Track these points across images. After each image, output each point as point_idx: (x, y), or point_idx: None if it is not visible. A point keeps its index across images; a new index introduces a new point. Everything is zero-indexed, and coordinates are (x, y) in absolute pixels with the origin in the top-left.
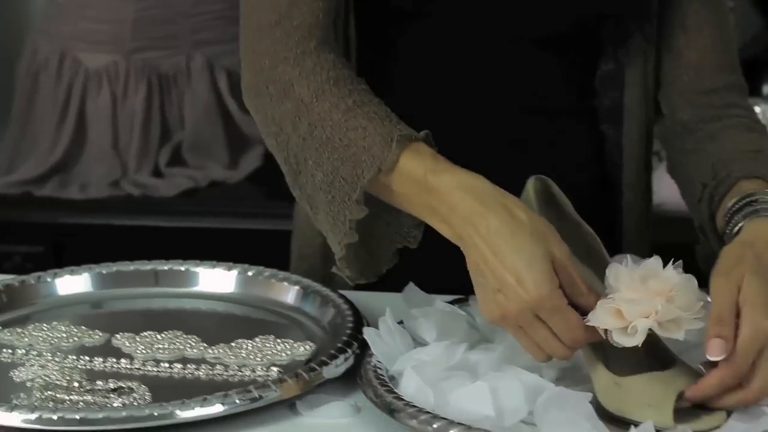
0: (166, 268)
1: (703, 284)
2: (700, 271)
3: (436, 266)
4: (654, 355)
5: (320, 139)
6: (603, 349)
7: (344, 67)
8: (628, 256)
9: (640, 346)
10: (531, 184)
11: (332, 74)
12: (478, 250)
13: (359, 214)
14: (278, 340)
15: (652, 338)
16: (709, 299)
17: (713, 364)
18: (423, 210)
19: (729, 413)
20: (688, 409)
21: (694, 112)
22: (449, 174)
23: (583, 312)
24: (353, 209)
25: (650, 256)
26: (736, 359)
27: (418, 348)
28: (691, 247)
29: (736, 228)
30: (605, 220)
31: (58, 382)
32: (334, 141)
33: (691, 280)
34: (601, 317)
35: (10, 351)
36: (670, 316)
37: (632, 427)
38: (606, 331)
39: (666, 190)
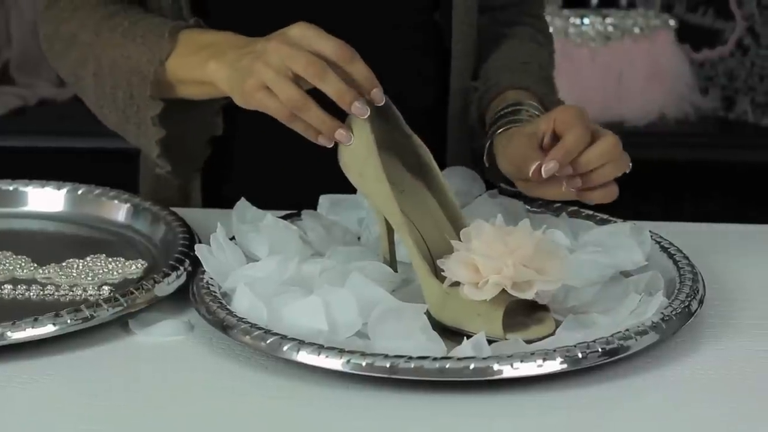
0: None
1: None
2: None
3: (269, 183)
4: None
5: (108, 65)
6: (433, 261)
7: (116, 3)
8: (499, 215)
9: (488, 300)
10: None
11: (105, 12)
12: (242, 42)
13: (157, 108)
14: (109, 259)
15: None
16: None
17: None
18: (197, 63)
19: (557, 324)
20: (517, 320)
21: (490, 15)
22: (226, 32)
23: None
24: (150, 105)
25: (476, 167)
26: (573, 122)
27: (251, 264)
28: None
29: (500, 130)
30: (432, 133)
31: None
32: (118, 60)
33: (553, 246)
34: (454, 269)
35: None
36: (522, 278)
37: (465, 338)
38: None
39: None
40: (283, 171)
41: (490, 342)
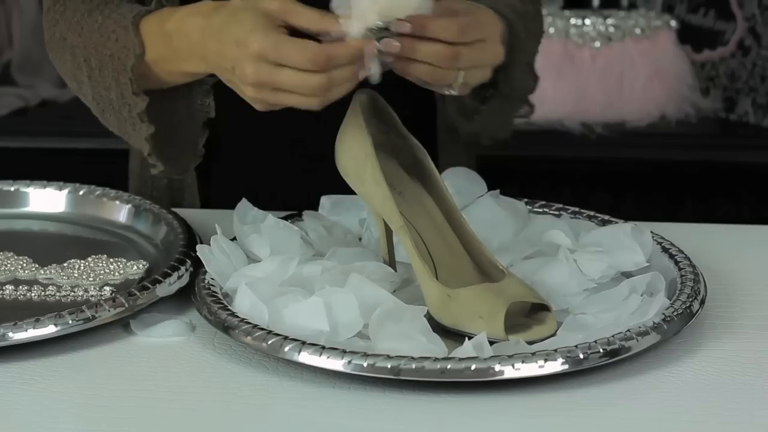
0: None
1: None
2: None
3: (270, 183)
4: (484, 271)
5: (98, 67)
6: (433, 263)
7: None
8: None
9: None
10: (358, 99)
11: (84, 9)
12: (214, 50)
13: (142, 104)
14: (111, 260)
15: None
16: None
17: None
18: (174, 60)
19: (558, 325)
20: (519, 321)
21: None
22: (179, 11)
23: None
24: (135, 102)
25: (474, 169)
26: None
27: (252, 264)
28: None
29: None
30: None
31: None
32: (104, 60)
33: None
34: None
35: None
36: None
37: (466, 339)
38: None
39: None
40: (278, 172)
41: (491, 343)
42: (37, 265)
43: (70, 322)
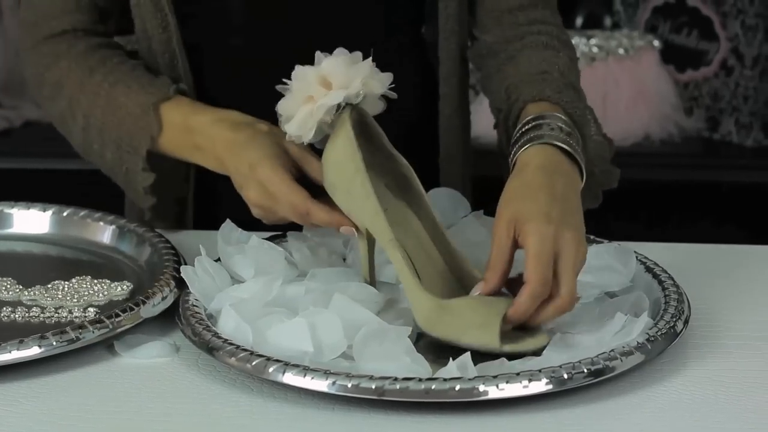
0: None
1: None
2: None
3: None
4: (470, 290)
5: (97, 126)
6: (419, 281)
7: (97, 50)
8: (338, 49)
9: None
10: (347, 114)
11: (85, 66)
12: (233, 164)
13: (149, 180)
14: (95, 281)
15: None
16: None
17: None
18: (192, 152)
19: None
20: (512, 333)
21: (499, 33)
22: (205, 113)
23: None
24: (143, 177)
25: (468, 188)
26: (532, 269)
27: (236, 285)
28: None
29: (514, 159)
30: (422, 151)
31: None
32: (108, 124)
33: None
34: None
35: None
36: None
37: (450, 359)
38: None
39: (483, 123)
40: None
41: (475, 363)
42: (21, 287)
43: (54, 343)
